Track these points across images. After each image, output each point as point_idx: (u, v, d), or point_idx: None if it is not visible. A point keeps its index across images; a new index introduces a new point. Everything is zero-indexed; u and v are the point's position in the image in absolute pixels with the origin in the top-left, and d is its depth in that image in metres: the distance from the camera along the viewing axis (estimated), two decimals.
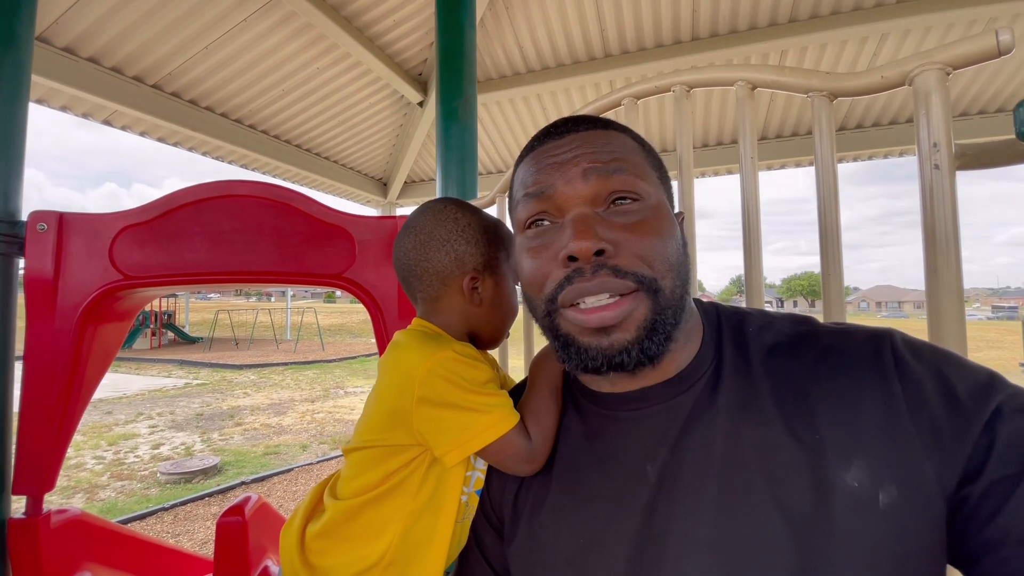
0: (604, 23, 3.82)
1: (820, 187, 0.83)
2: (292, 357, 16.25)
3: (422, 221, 0.78)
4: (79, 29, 2.78)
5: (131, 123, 3.53)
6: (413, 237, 0.78)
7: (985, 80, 3.98)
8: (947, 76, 0.67)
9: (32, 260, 1.34)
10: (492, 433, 0.63)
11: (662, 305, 0.53)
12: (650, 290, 0.53)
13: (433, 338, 0.71)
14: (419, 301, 0.79)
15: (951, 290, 0.66)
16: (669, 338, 0.54)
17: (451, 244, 0.76)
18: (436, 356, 0.66)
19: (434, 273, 0.76)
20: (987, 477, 0.43)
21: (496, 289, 0.80)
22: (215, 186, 1.39)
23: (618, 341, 0.53)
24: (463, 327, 0.78)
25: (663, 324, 0.53)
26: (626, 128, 0.61)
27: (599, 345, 0.53)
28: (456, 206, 0.80)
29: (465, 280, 0.76)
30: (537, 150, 0.60)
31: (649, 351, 0.53)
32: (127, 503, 4.88)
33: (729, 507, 0.49)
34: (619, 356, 0.53)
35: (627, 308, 0.52)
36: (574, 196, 0.55)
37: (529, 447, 0.63)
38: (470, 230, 0.78)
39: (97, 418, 8.23)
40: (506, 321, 0.83)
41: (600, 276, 0.52)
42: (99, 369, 1.46)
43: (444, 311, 0.77)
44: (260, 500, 1.64)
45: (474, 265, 0.77)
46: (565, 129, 0.59)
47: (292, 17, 3.32)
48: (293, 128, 4.46)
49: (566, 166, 0.56)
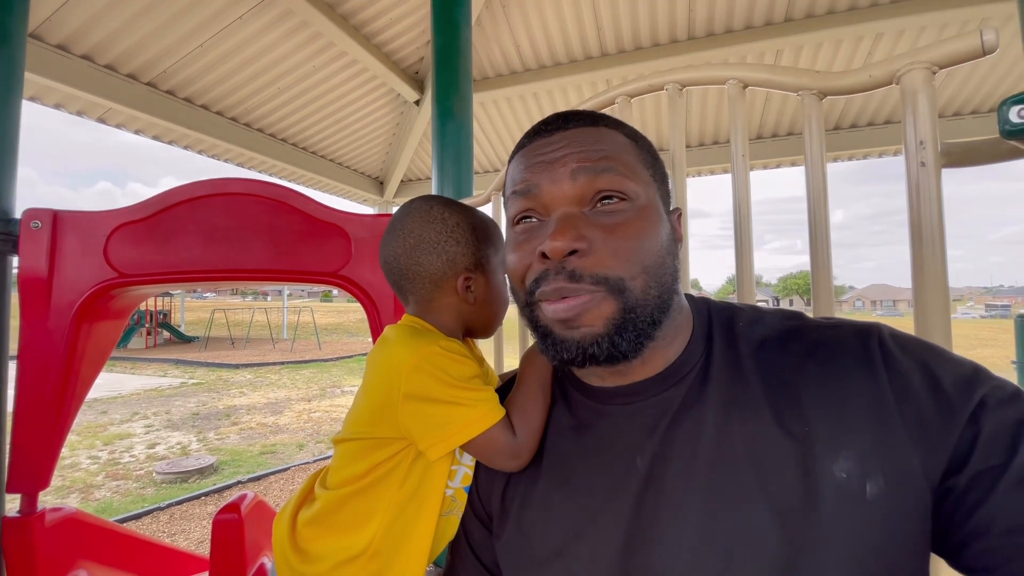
0: (600, 22, 3.83)
1: (810, 184, 0.84)
2: (288, 356, 16.19)
3: (410, 224, 0.77)
4: (73, 26, 2.77)
5: (125, 121, 3.52)
6: (402, 241, 0.77)
7: (978, 81, 4.01)
8: (933, 75, 0.68)
9: (26, 258, 1.34)
10: (476, 428, 0.63)
11: (631, 304, 0.53)
12: (615, 290, 0.53)
13: (421, 334, 0.72)
14: (411, 302, 0.79)
15: (936, 285, 0.67)
16: (645, 336, 0.54)
17: (442, 247, 0.75)
18: (422, 351, 0.66)
19: (427, 277, 0.76)
20: (971, 468, 0.44)
21: (488, 285, 0.80)
22: (210, 184, 1.40)
23: (587, 334, 0.53)
24: (457, 324, 0.78)
25: (633, 323, 0.53)
26: (619, 123, 0.61)
27: (571, 337, 0.54)
28: (443, 205, 0.79)
29: (459, 281, 0.76)
30: (527, 148, 0.61)
31: (620, 347, 0.53)
32: (122, 503, 4.86)
33: (718, 499, 0.50)
34: (591, 348, 0.53)
35: (582, 303, 0.53)
36: (560, 196, 0.56)
37: (514, 442, 0.64)
38: (460, 230, 0.77)
39: (92, 418, 8.20)
40: (500, 313, 0.84)
41: (558, 280, 0.54)
42: (94, 367, 1.46)
43: (437, 310, 0.77)
44: (256, 498, 1.64)
45: (466, 265, 0.77)
46: (555, 127, 0.60)
47: (288, 15, 3.31)
48: (289, 126, 4.45)
49: (554, 165, 0.56)
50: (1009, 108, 0.54)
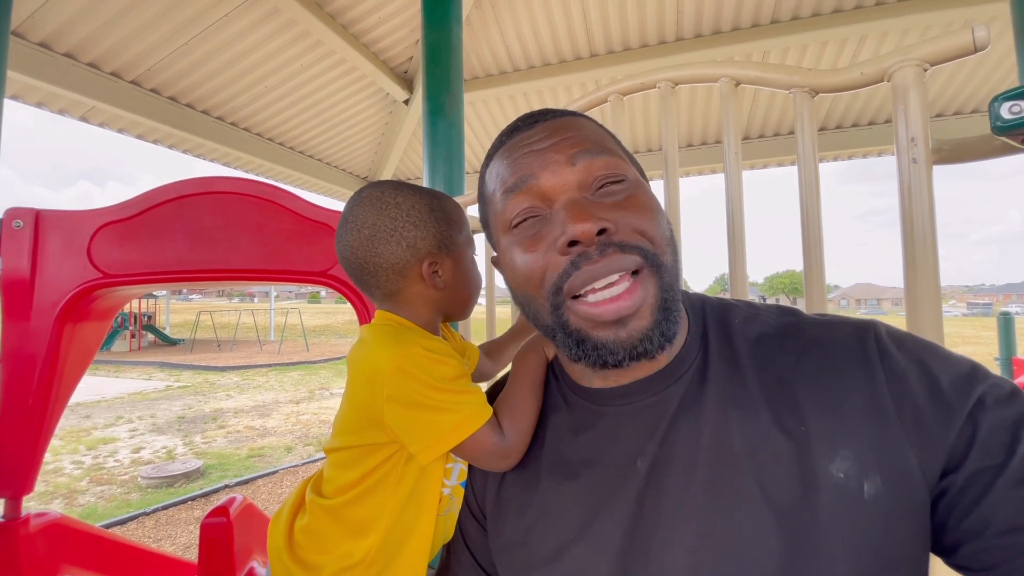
0: (589, 22, 3.85)
1: (802, 180, 0.85)
2: (276, 358, 16.03)
3: (361, 213, 0.72)
4: (55, 24, 2.72)
5: (109, 120, 3.46)
6: (356, 232, 0.72)
7: (962, 81, 4.07)
8: (924, 72, 0.68)
9: (8, 258, 1.31)
10: (462, 432, 0.61)
11: (667, 281, 0.52)
12: (654, 265, 0.52)
13: (400, 333, 0.69)
14: (378, 297, 0.75)
15: (928, 280, 0.68)
16: (678, 315, 0.54)
17: (400, 233, 0.71)
18: (403, 353, 0.63)
19: (388, 267, 0.71)
20: (969, 467, 0.44)
21: (457, 267, 0.76)
22: (197, 182, 1.37)
23: (637, 330, 0.52)
24: (430, 312, 0.75)
25: (673, 302, 0.53)
26: (590, 117, 0.61)
27: (617, 338, 0.52)
28: (394, 189, 0.74)
29: (424, 266, 0.72)
30: (507, 144, 0.59)
31: (668, 332, 0.52)
32: (107, 508, 4.78)
33: (717, 499, 0.49)
34: (641, 345, 0.52)
35: (641, 295, 0.51)
36: (561, 183, 0.54)
37: (503, 443, 0.62)
38: (416, 213, 0.72)
39: (75, 422, 8.05)
40: (473, 295, 0.81)
41: (608, 255, 0.51)
42: (78, 369, 1.43)
43: (407, 302, 0.73)
44: (245, 501, 1.62)
45: (429, 249, 0.72)
46: (532, 120, 0.59)
47: (275, 13, 3.29)
48: (276, 126, 4.41)
49: (546, 153, 0.55)
50: (1000, 104, 0.55)
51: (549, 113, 0.59)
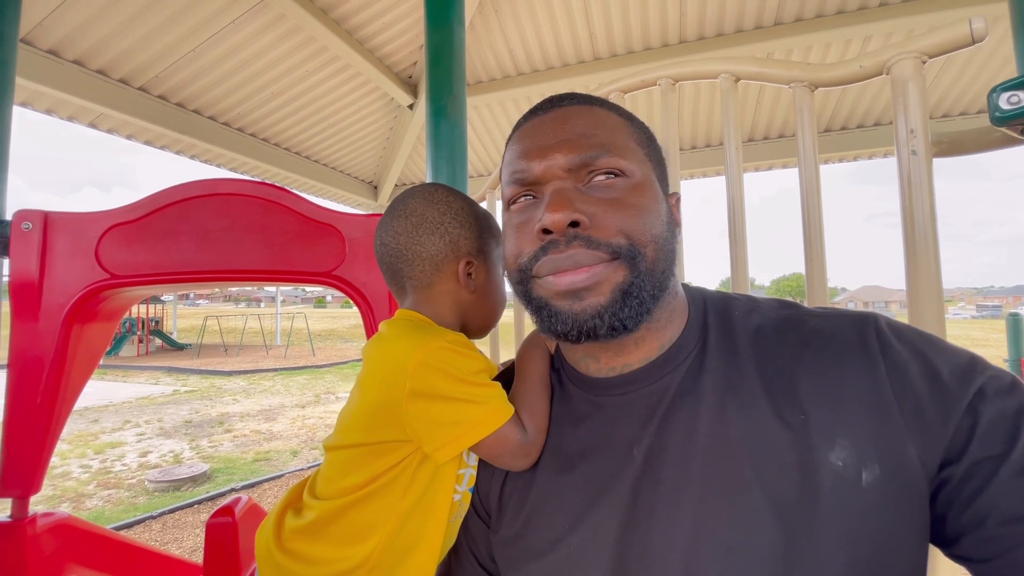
0: (593, 26, 3.86)
1: (803, 177, 0.85)
2: (282, 363, 16.08)
3: (412, 204, 0.75)
4: (64, 31, 2.76)
5: (117, 126, 3.50)
6: (403, 220, 0.74)
7: (948, 83, 4.05)
8: (923, 64, 0.68)
9: (17, 260, 1.33)
10: (488, 426, 0.60)
11: (641, 272, 0.53)
12: (628, 258, 0.53)
13: (423, 327, 0.68)
14: (408, 290, 0.75)
15: (929, 273, 0.67)
16: (645, 309, 0.54)
17: (445, 227, 0.73)
18: (428, 346, 0.62)
19: (427, 258, 0.73)
20: (969, 458, 0.44)
21: (488, 276, 0.78)
22: (202, 184, 1.38)
23: (591, 305, 0.53)
24: (455, 316, 0.75)
25: (639, 290, 0.53)
26: (614, 105, 0.61)
27: (571, 309, 0.53)
28: (447, 190, 0.77)
29: (460, 264, 0.74)
30: (522, 128, 0.61)
31: (621, 316, 0.53)
32: (114, 511, 4.81)
33: (714, 489, 0.49)
34: (591, 321, 0.53)
35: (600, 272, 0.52)
36: (552, 170, 0.55)
37: (525, 440, 0.61)
38: (463, 213, 0.75)
39: (83, 426, 8.11)
40: (497, 310, 0.81)
41: (572, 247, 0.53)
42: (85, 370, 1.44)
43: (435, 299, 0.74)
44: (251, 501, 1.62)
45: (468, 249, 0.74)
46: (550, 105, 0.60)
47: (281, 19, 3.32)
48: (282, 131, 4.44)
49: (548, 140, 0.56)
50: (999, 94, 0.55)
51: (567, 99, 0.60)
